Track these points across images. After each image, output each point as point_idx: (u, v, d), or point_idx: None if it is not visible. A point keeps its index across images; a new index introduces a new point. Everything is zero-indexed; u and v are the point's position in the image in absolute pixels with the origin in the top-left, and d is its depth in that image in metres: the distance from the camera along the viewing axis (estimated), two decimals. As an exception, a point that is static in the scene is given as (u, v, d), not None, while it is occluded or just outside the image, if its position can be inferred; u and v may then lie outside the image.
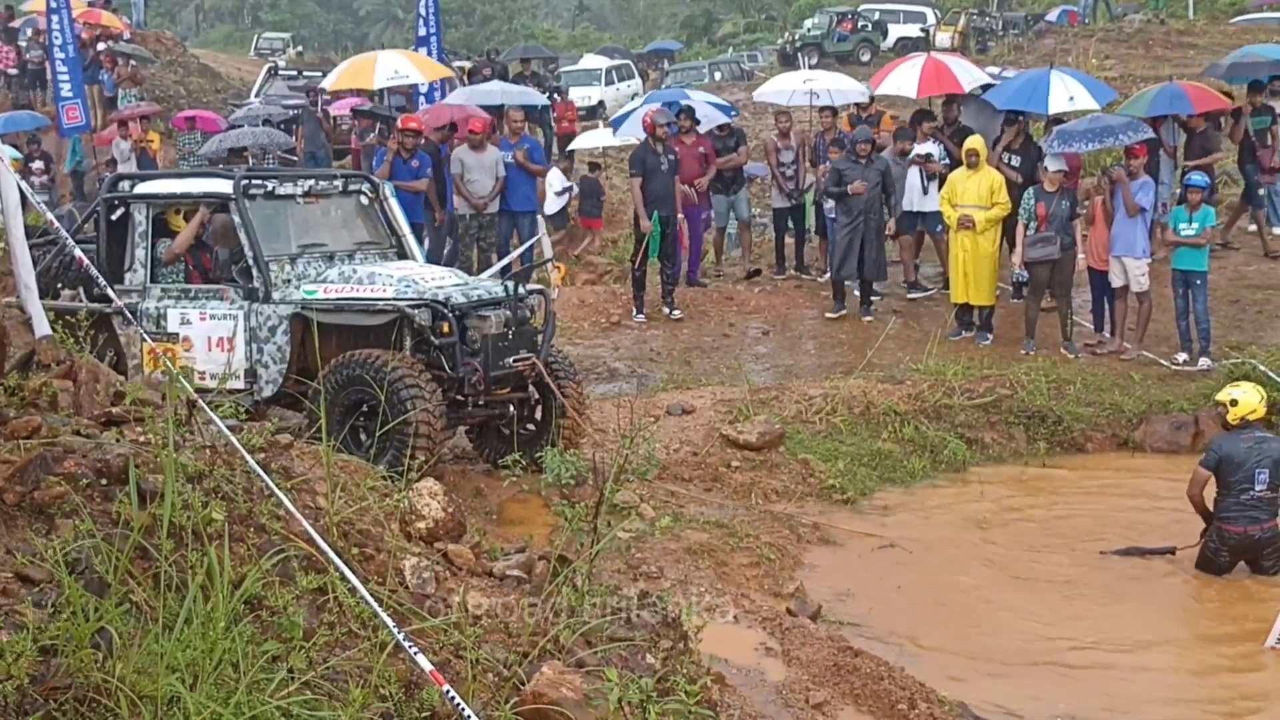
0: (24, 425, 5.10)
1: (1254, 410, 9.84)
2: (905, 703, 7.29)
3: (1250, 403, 9.85)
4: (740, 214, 18.89)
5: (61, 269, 10.82)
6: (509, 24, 71.89)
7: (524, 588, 5.91)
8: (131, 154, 20.72)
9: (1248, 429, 9.84)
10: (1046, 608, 9.33)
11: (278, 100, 25.69)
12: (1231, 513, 9.68)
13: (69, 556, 4.27)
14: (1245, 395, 9.92)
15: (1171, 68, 26.17)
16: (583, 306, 16.55)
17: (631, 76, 38.91)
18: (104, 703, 3.77)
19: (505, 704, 4.59)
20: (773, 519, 10.37)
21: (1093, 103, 16.44)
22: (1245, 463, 9.65)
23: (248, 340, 10.21)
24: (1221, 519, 9.72)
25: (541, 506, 9.74)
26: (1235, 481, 9.67)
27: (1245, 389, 10.06)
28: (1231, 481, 9.68)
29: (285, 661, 4.22)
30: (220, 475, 5.03)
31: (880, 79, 19.05)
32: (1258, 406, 9.86)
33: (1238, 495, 9.66)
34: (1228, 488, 9.70)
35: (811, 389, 13.02)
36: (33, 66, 28.75)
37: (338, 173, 13.33)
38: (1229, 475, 9.68)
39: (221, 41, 69.72)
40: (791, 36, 46.04)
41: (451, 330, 9.78)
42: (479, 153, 16.49)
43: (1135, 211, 14.13)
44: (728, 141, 18.08)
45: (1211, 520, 9.81)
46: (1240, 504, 9.65)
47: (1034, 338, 14.60)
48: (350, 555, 5.08)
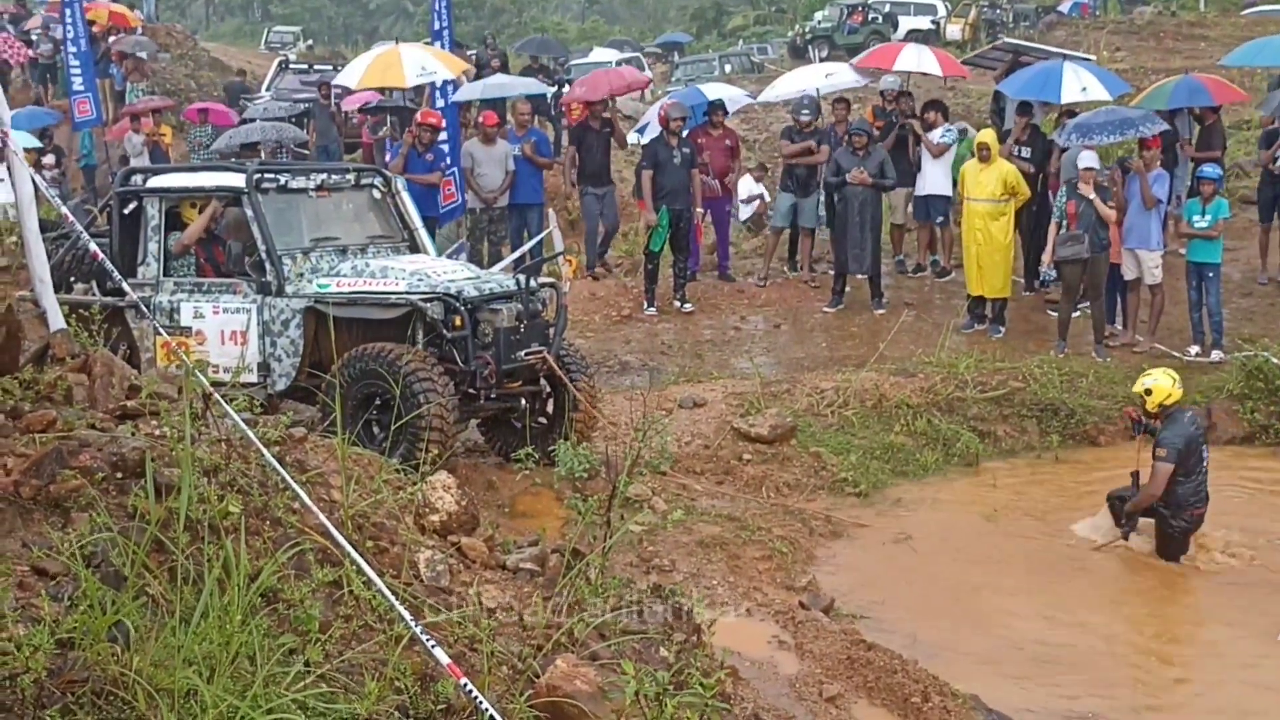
0: (39, 419, 5.11)
1: (1170, 395, 9.98)
2: (919, 696, 7.29)
3: (1164, 388, 10.00)
4: (804, 219, 17.42)
5: (75, 263, 10.84)
6: (519, 17, 71.89)
7: (537, 581, 5.91)
8: (144, 148, 20.74)
9: (1172, 413, 9.98)
10: (1059, 601, 9.32)
11: (289, 94, 25.68)
12: (1195, 496, 9.84)
13: (85, 550, 4.27)
14: (1158, 382, 10.07)
15: (1183, 60, 26.16)
16: (594, 300, 16.54)
17: (641, 69, 38.85)
18: (121, 696, 3.77)
19: (520, 697, 4.59)
20: (785, 512, 10.37)
21: (1105, 94, 16.40)
22: (1194, 442, 9.86)
23: (261, 334, 10.23)
24: (1189, 505, 9.84)
25: (554, 500, 9.75)
26: (1193, 464, 9.82)
27: (1156, 376, 10.23)
28: (1190, 465, 9.81)
29: (301, 654, 4.22)
30: (236, 469, 5.03)
31: (876, 60, 19.21)
32: (1172, 390, 9.99)
33: (1195, 477, 9.83)
34: (1188, 473, 9.82)
35: (823, 382, 13.02)
36: (42, 61, 28.80)
37: (350, 166, 13.34)
38: (1188, 460, 9.81)
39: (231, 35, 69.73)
40: (802, 29, 45.94)
41: (464, 324, 9.80)
42: (489, 146, 16.48)
43: (1153, 203, 14.09)
44: (808, 138, 17.33)
45: (1165, 511, 9.90)
46: (1197, 485, 9.83)
47: (1066, 339, 14.51)
48: (365, 548, 5.09)
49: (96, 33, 26.13)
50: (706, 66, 40.99)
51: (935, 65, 18.95)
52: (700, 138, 17.14)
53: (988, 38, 39.39)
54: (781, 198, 17.71)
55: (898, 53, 19.07)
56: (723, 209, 17.69)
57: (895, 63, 18.60)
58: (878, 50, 19.93)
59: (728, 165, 17.32)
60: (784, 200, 17.56)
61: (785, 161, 17.68)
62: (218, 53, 37.84)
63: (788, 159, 17.46)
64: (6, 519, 4.43)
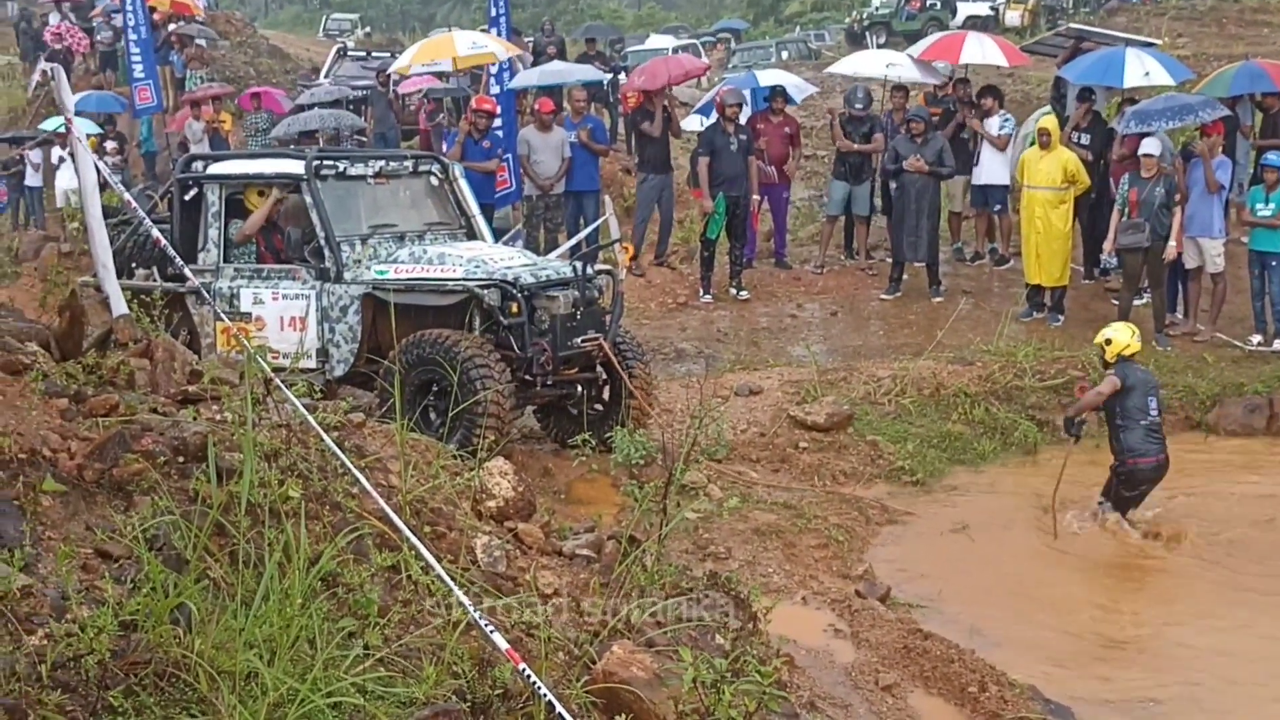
0: (102, 403, 5.16)
1: (1128, 346, 10.22)
2: (975, 685, 7.26)
3: (1124, 340, 10.24)
4: (857, 208, 17.51)
5: (137, 249, 10.94)
6: (576, 3, 71.80)
7: (593, 567, 5.93)
8: (204, 135, 20.90)
9: (1127, 364, 10.24)
10: (1118, 591, 9.26)
11: (347, 81, 25.78)
12: (1141, 444, 10.06)
13: (148, 533, 4.31)
14: (1119, 334, 10.32)
15: (1245, 46, 25.82)
16: (650, 287, 16.54)
17: (698, 56, 38.74)
18: (183, 677, 3.81)
19: (577, 683, 4.60)
20: (841, 500, 10.34)
21: (1168, 79, 16.23)
22: (1138, 388, 10.11)
23: (320, 320, 10.29)
24: (1136, 454, 10.07)
25: (610, 486, 9.77)
26: (1134, 409, 10.08)
27: (1118, 328, 10.48)
28: (1131, 408, 10.08)
29: (360, 638, 4.24)
30: (296, 454, 5.07)
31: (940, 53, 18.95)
32: (1131, 342, 10.24)
33: (1138, 422, 10.05)
34: (1128, 415, 10.09)
35: (880, 370, 12.96)
36: (103, 48, 29.05)
37: (408, 153, 13.38)
38: (1129, 401, 10.08)
39: (290, 22, 70.09)
40: (859, 15, 45.68)
41: (520, 310, 9.82)
42: (545, 133, 16.50)
43: (1215, 188, 13.94)
44: (860, 127, 17.29)
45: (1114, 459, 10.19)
46: (1145, 431, 10.05)
47: None
48: (423, 533, 5.11)
49: (157, 20, 26.32)
50: (763, 53, 40.80)
51: (1000, 56, 18.68)
52: (760, 124, 17.12)
53: (1047, 24, 39.04)
54: (835, 186, 17.63)
55: (961, 44, 18.66)
56: (780, 195, 17.64)
57: (960, 55, 18.35)
58: (940, 42, 19.50)
59: (786, 152, 17.27)
60: (837, 188, 17.50)
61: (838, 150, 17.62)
62: (276, 40, 38.00)
63: (842, 151, 17.40)
64: (70, 502, 4.48)
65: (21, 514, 4.25)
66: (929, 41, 19.47)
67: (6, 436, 4.48)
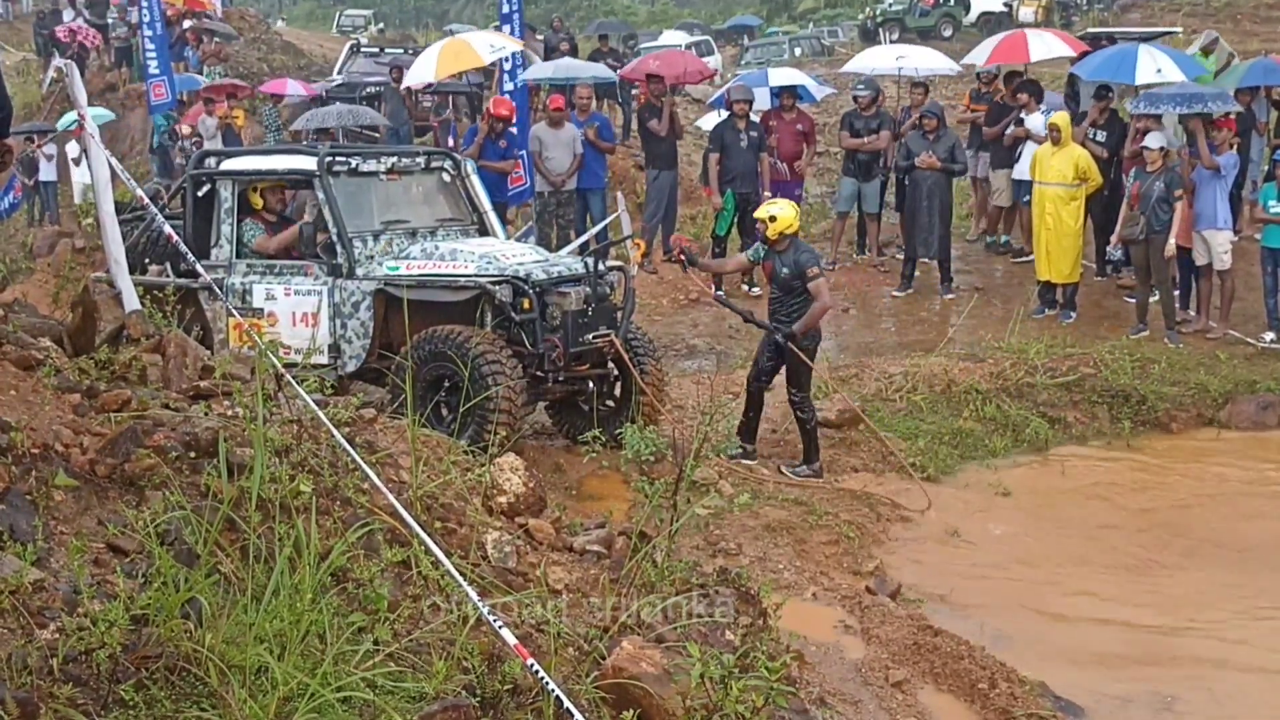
0: (114, 398, 5.19)
1: (791, 224, 10.44)
2: (986, 682, 7.26)
3: (788, 217, 10.45)
4: (867, 205, 17.45)
5: (149, 244, 10.97)
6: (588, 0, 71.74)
7: (603, 563, 5.94)
8: (217, 130, 20.94)
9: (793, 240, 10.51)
10: (1129, 589, 9.24)
11: (360, 77, 25.78)
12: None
13: (159, 528, 4.33)
14: (782, 211, 10.51)
15: (1260, 42, 25.74)
16: (661, 283, 16.54)
17: (711, 53, 38.70)
18: (194, 671, 3.83)
19: (586, 678, 4.62)
20: (851, 497, 10.34)
21: (1180, 75, 16.18)
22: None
23: (331, 316, 10.31)
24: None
25: (620, 482, 9.77)
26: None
27: (781, 205, 10.71)
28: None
29: (370, 633, 4.26)
30: (307, 449, 5.09)
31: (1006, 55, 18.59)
32: (793, 220, 10.50)
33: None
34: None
35: (891, 366, 12.97)
36: (118, 44, 29.12)
37: (420, 150, 13.38)
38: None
39: (304, 19, 70.09)
40: (872, 11, 45.59)
41: (532, 306, 9.82)
42: (556, 129, 16.50)
43: (1211, 165, 13.89)
44: (869, 123, 17.12)
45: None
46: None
47: (1145, 321, 14.42)
48: (434, 529, 5.13)
49: (171, 17, 26.36)
50: (776, 49, 40.79)
51: (1064, 47, 18.37)
52: (772, 120, 17.11)
53: (1060, 19, 38.99)
54: (844, 183, 17.62)
55: (1026, 43, 18.22)
56: (792, 192, 17.58)
57: (1029, 54, 17.92)
58: (1003, 44, 18.34)
59: (798, 149, 17.22)
60: (846, 185, 17.50)
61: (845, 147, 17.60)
62: (290, 36, 38.03)
63: (847, 149, 17.40)
64: (83, 497, 4.50)
65: (34, 509, 4.27)
66: (991, 45, 18.63)
67: (19, 431, 4.50)
